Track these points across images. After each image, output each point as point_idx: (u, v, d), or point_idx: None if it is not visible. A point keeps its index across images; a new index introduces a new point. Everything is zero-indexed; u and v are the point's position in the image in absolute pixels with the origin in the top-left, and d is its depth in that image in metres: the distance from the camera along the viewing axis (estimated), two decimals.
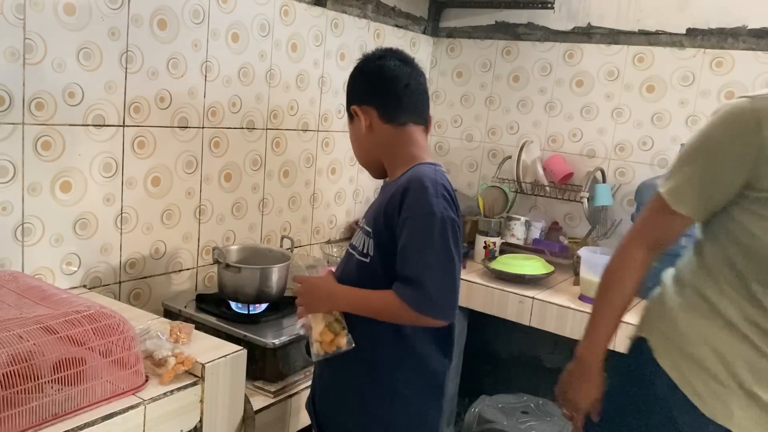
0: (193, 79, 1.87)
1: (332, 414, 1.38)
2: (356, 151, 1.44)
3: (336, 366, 1.34)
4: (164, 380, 1.24)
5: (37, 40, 1.49)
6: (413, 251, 1.20)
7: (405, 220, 1.21)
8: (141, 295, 1.84)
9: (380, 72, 1.35)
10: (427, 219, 1.20)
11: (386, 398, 1.29)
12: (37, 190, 1.55)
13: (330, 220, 2.57)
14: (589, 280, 2.11)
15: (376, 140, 1.36)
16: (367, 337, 1.28)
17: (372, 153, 1.39)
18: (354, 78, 1.41)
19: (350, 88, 1.41)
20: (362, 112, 1.36)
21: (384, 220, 1.26)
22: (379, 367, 1.30)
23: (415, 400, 1.30)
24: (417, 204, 1.21)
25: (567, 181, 2.58)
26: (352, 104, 1.38)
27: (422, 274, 1.18)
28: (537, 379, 2.26)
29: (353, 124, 1.40)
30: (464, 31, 2.88)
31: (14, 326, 1.07)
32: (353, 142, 1.43)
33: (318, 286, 1.35)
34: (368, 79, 1.37)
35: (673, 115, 2.43)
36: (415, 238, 1.20)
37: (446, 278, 1.20)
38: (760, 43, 2.26)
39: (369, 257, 1.29)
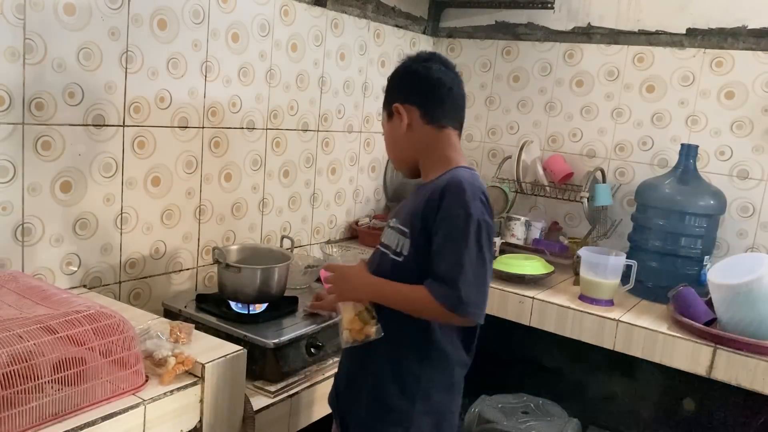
0: (193, 79, 1.87)
1: (355, 408, 1.39)
2: (391, 149, 1.45)
3: (361, 361, 1.37)
4: (164, 380, 1.24)
5: (37, 40, 1.49)
6: (449, 251, 1.23)
7: (442, 220, 1.25)
8: (141, 295, 1.84)
9: (427, 74, 1.37)
10: (464, 221, 1.23)
11: (409, 393, 1.31)
12: (37, 190, 1.55)
13: (330, 220, 2.57)
14: (589, 280, 2.11)
15: (414, 140, 1.38)
16: (395, 333, 1.31)
17: (408, 152, 1.41)
18: (398, 77, 1.42)
19: (392, 86, 1.43)
20: (404, 110, 1.37)
21: (421, 222, 1.29)
22: (404, 362, 1.32)
23: (436, 396, 1.33)
24: (455, 205, 1.24)
25: (567, 181, 2.58)
26: (393, 102, 1.39)
27: (456, 274, 1.21)
28: (537, 379, 2.26)
29: (391, 122, 1.41)
30: (464, 31, 2.88)
31: (14, 326, 1.07)
32: (389, 141, 1.44)
33: (350, 274, 1.37)
34: (414, 80, 1.39)
35: (673, 115, 2.43)
36: (452, 239, 1.23)
37: (478, 280, 1.23)
38: (760, 43, 2.26)
39: (403, 257, 1.32)
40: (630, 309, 2.10)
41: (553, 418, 2.04)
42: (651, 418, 2.13)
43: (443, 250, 1.24)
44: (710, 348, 1.84)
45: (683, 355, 1.88)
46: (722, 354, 1.82)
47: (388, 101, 1.42)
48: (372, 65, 2.60)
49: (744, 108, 2.30)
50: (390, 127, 1.42)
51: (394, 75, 1.43)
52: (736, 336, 1.82)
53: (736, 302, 1.84)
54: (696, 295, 2.00)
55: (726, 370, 1.82)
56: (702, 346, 1.85)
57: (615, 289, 2.12)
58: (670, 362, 1.91)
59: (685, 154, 2.23)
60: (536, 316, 2.13)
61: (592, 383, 2.22)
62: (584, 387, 2.23)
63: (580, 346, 2.06)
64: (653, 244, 2.21)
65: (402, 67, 1.42)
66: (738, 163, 2.32)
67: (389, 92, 1.43)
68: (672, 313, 2.00)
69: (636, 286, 2.15)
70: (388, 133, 1.43)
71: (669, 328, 1.95)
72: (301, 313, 1.76)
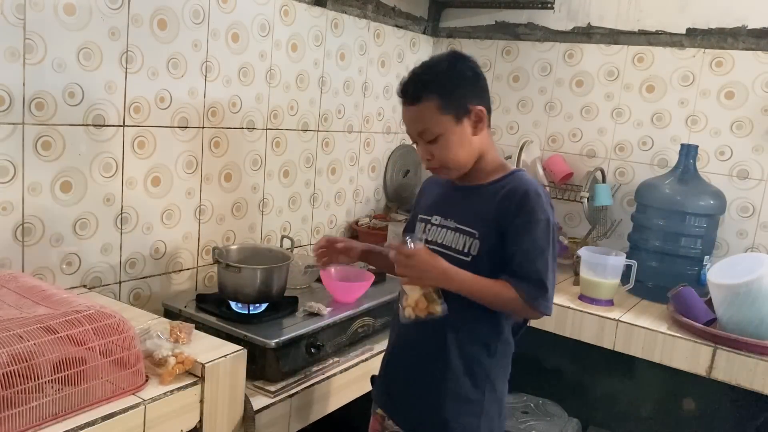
0: (193, 79, 1.87)
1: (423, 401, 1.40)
2: (458, 154, 1.36)
3: (430, 358, 1.39)
4: (164, 380, 1.24)
5: (37, 40, 1.49)
6: (537, 254, 1.30)
7: (527, 224, 1.31)
8: (141, 295, 1.84)
9: (483, 75, 1.39)
10: (545, 225, 1.31)
11: (480, 385, 1.38)
12: (37, 190, 1.55)
13: (330, 220, 2.57)
14: (589, 280, 2.11)
15: (480, 142, 1.37)
16: (468, 331, 1.37)
17: (473, 156, 1.38)
18: (469, 78, 1.37)
19: (463, 86, 1.35)
20: (482, 113, 1.36)
21: (494, 224, 1.33)
22: (476, 357, 1.38)
23: (499, 386, 1.42)
24: (536, 210, 1.31)
25: (567, 181, 2.58)
26: (470, 104, 1.34)
27: (544, 275, 1.30)
28: (537, 379, 2.26)
29: (461, 124, 1.34)
30: (464, 31, 2.88)
31: (14, 326, 1.07)
32: (457, 143, 1.35)
33: (429, 261, 1.33)
34: (479, 81, 1.38)
35: (673, 115, 2.43)
36: (538, 242, 1.30)
37: (554, 277, 1.34)
38: (760, 43, 2.26)
39: (472, 256, 1.34)
40: (630, 309, 2.10)
41: (553, 418, 2.04)
42: (651, 418, 2.13)
43: (531, 253, 1.30)
44: (710, 348, 1.84)
45: (683, 355, 1.88)
46: (722, 354, 1.83)
47: (462, 103, 1.34)
48: (372, 65, 2.60)
49: (744, 108, 2.30)
50: (461, 130, 1.34)
51: (455, 75, 1.35)
52: (736, 336, 1.82)
53: (736, 302, 1.84)
54: (696, 295, 2.00)
55: (726, 370, 1.82)
56: (702, 346, 1.86)
57: (615, 289, 2.12)
58: (669, 362, 1.91)
59: (685, 154, 2.23)
60: None
61: (592, 383, 2.22)
62: (584, 387, 2.23)
63: (580, 346, 2.06)
64: (653, 244, 2.21)
65: (461, 65, 1.37)
66: (738, 163, 2.32)
67: (459, 93, 1.34)
68: (672, 313, 2.00)
69: (636, 286, 2.16)
70: (458, 136, 1.34)
71: (669, 328, 1.95)
72: (301, 313, 1.76)
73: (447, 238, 1.39)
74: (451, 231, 1.38)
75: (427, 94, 1.32)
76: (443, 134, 1.34)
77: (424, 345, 1.40)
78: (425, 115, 1.33)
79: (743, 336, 1.81)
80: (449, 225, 1.39)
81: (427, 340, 1.40)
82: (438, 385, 1.38)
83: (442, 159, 1.36)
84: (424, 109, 1.33)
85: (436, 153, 1.36)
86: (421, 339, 1.41)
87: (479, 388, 1.38)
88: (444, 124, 1.33)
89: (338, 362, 1.74)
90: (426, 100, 1.33)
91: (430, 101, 1.32)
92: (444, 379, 1.38)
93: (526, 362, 2.31)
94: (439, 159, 1.36)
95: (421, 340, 1.41)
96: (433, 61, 1.39)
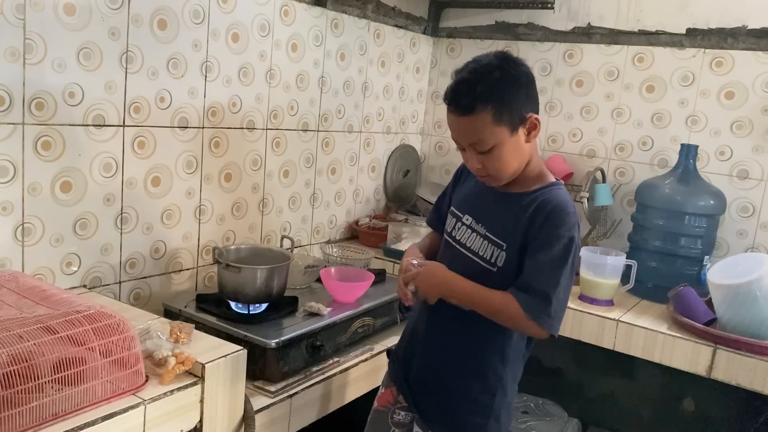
0: (193, 79, 1.87)
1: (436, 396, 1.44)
2: (511, 164, 1.32)
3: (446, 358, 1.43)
4: (164, 380, 1.24)
5: (37, 40, 1.49)
6: (550, 270, 1.27)
7: (548, 238, 1.28)
8: (141, 295, 1.84)
9: (533, 75, 1.34)
10: (567, 242, 1.28)
11: (491, 389, 1.39)
12: (37, 190, 1.55)
13: (330, 220, 2.57)
14: (589, 280, 2.11)
15: (530, 149, 1.35)
16: (481, 338, 1.38)
17: (524, 164, 1.34)
18: (524, 85, 1.31)
19: (518, 95, 1.29)
20: (537, 121, 1.31)
21: (522, 238, 1.31)
22: (488, 363, 1.39)
23: (510, 390, 1.43)
24: (561, 227, 1.28)
25: (567, 181, 2.58)
26: (528, 112, 1.30)
27: (552, 291, 1.26)
28: (537, 379, 2.26)
29: (515, 136, 1.29)
30: (464, 31, 2.88)
31: (14, 326, 1.07)
32: (510, 155, 1.31)
33: (434, 273, 1.37)
34: (533, 86, 1.33)
35: (673, 115, 2.43)
36: (554, 257, 1.27)
37: (565, 298, 1.30)
38: (760, 43, 2.26)
39: (497, 267, 1.34)
40: (630, 309, 2.10)
41: (553, 418, 2.04)
42: (651, 418, 2.13)
43: (544, 267, 1.28)
44: (710, 348, 1.84)
45: (683, 355, 1.88)
46: (722, 354, 1.83)
47: (518, 112, 1.28)
48: (372, 65, 2.60)
49: (744, 108, 2.30)
50: (516, 140, 1.30)
51: (510, 83, 1.28)
52: (736, 336, 1.82)
53: (736, 302, 1.84)
54: (696, 295, 2.00)
55: (726, 370, 1.82)
56: (702, 346, 1.86)
57: (615, 289, 2.12)
58: (669, 362, 1.91)
59: (685, 154, 2.23)
60: None
61: (592, 383, 2.22)
62: (584, 387, 2.23)
63: (580, 346, 2.06)
64: (653, 244, 2.21)
65: (513, 71, 1.30)
66: (738, 163, 2.32)
67: (515, 103, 1.28)
68: (672, 313, 2.00)
69: (636, 286, 2.15)
70: (513, 146, 1.30)
71: (669, 328, 1.95)
72: (301, 313, 1.76)
73: (476, 243, 1.38)
74: (481, 237, 1.37)
75: (482, 104, 1.26)
76: (497, 145, 1.29)
77: (446, 343, 1.43)
78: (478, 127, 1.28)
79: (743, 336, 1.81)
80: (479, 230, 1.38)
81: (449, 339, 1.42)
82: (453, 384, 1.41)
83: (494, 170, 1.32)
84: (478, 121, 1.27)
85: (489, 164, 1.32)
86: (443, 336, 1.43)
87: (490, 392, 1.39)
88: (499, 136, 1.28)
89: (338, 362, 1.74)
90: (480, 111, 1.26)
91: (485, 112, 1.26)
92: (459, 379, 1.41)
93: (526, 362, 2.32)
94: (490, 169, 1.33)
95: (444, 337, 1.43)
96: (483, 66, 1.29)
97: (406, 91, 2.85)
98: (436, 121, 2.98)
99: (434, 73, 2.96)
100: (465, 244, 1.40)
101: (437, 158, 3.00)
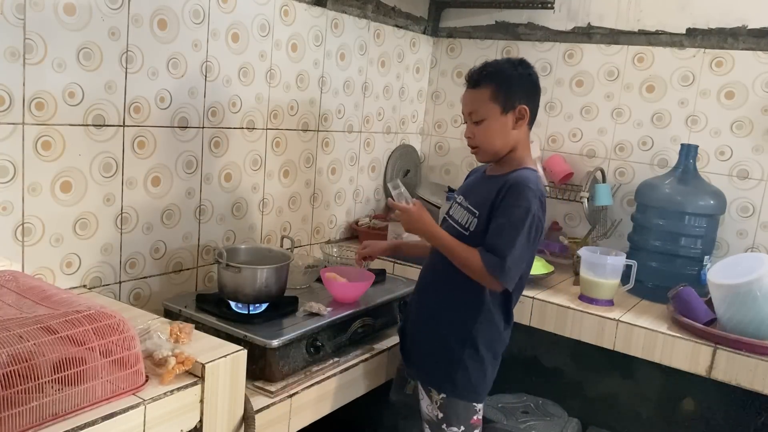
0: (193, 79, 1.87)
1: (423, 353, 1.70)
2: (494, 140, 1.59)
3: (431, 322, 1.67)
4: (164, 380, 1.24)
5: (37, 40, 1.49)
6: (507, 233, 1.50)
7: (507, 208, 1.52)
8: (141, 295, 1.84)
9: (538, 82, 1.62)
10: (523, 211, 1.50)
11: (463, 344, 1.61)
12: (37, 190, 1.55)
13: (330, 220, 2.57)
14: (589, 280, 2.11)
15: (517, 137, 1.60)
16: (458, 301, 1.62)
17: (508, 146, 1.60)
18: (522, 79, 1.59)
19: (515, 86, 1.57)
20: (526, 112, 1.58)
21: (490, 208, 1.55)
22: (463, 322, 1.62)
23: (482, 349, 1.62)
24: (520, 197, 1.51)
25: (567, 181, 2.58)
26: (518, 102, 1.57)
27: (508, 250, 1.49)
28: (537, 379, 2.26)
29: (505, 116, 1.57)
30: (464, 31, 2.88)
31: (14, 326, 1.06)
32: (496, 132, 1.58)
33: (424, 216, 1.62)
34: (532, 85, 1.61)
35: (673, 115, 2.43)
36: (512, 224, 1.50)
37: (520, 259, 1.52)
38: (760, 43, 2.26)
39: (470, 232, 1.59)
40: (630, 309, 2.10)
41: (553, 418, 2.04)
42: (651, 418, 2.13)
43: (503, 231, 1.51)
44: (710, 348, 1.84)
45: (683, 355, 1.88)
46: (722, 354, 1.83)
47: (511, 99, 1.56)
48: (372, 65, 2.60)
49: (744, 108, 2.30)
50: (503, 120, 1.57)
51: (515, 75, 1.58)
52: (736, 336, 1.82)
53: (736, 302, 1.84)
54: (696, 295, 2.00)
55: (726, 370, 1.82)
56: (702, 346, 1.86)
57: (615, 289, 2.12)
58: (669, 362, 1.91)
59: (685, 154, 2.22)
60: (536, 316, 2.13)
61: (592, 383, 2.22)
62: (584, 387, 2.23)
63: (580, 346, 2.06)
64: (653, 244, 2.21)
65: (522, 69, 1.59)
66: (738, 163, 2.32)
67: (512, 90, 1.57)
68: (672, 313, 2.00)
69: (636, 286, 2.15)
70: (501, 125, 1.58)
71: (669, 328, 1.95)
72: (301, 313, 1.76)
73: (459, 214, 1.65)
74: (463, 209, 1.64)
75: (486, 82, 1.57)
76: (487, 119, 1.58)
77: (427, 301, 1.70)
78: (478, 99, 1.59)
79: (743, 336, 1.81)
80: (464, 204, 1.65)
81: (428, 298, 1.70)
82: (430, 334, 1.66)
83: (480, 140, 1.61)
84: (479, 94, 1.58)
85: (477, 134, 1.60)
86: (424, 295, 1.72)
87: (461, 345, 1.61)
88: (490, 111, 1.57)
89: (338, 362, 1.74)
90: (483, 86, 1.58)
91: (486, 88, 1.57)
92: (438, 337, 1.64)
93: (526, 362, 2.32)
94: (477, 139, 1.61)
95: (425, 295, 1.72)
96: (501, 60, 1.64)
97: (406, 91, 2.85)
98: (436, 121, 2.98)
99: (434, 73, 2.96)
100: (453, 216, 1.68)
101: (437, 158, 3.00)
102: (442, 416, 1.64)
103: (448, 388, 1.63)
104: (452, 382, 1.62)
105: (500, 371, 1.69)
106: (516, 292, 1.64)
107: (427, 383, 1.67)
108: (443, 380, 1.63)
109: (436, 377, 1.65)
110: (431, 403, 1.66)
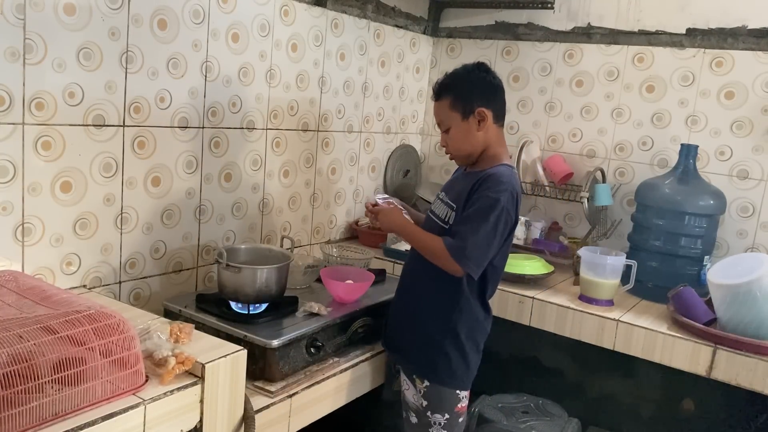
0: (193, 79, 1.87)
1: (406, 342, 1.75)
2: (462, 145, 1.69)
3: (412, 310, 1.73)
4: (164, 380, 1.24)
5: (37, 40, 1.49)
6: (473, 220, 1.57)
7: (477, 199, 1.59)
8: (141, 295, 1.84)
9: (497, 82, 1.69)
10: (492, 202, 1.56)
11: (442, 331, 1.67)
12: (37, 190, 1.55)
13: (330, 220, 2.57)
14: (589, 280, 2.11)
15: (485, 137, 1.68)
16: (437, 291, 1.67)
17: (478, 147, 1.68)
18: (475, 84, 1.67)
19: (470, 91, 1.66)
20: (486, 113, 1.65)
21: (464, 202, 1.62)
22: (442, 310, 1.68)
23: (462, 337, 1.67)
24: (490, 190, 1.58)
25: (567, 181, 2.58)
26: (476, 105, 1.65)
27: (470, 236, 1.56)
28: (537, 379, 2.26)
29: (467, 121, 1.66)
30: (464, 31, 2.88)
31: (14, 326, 1.07)
32: (462, 137, 1.68)
33: (395, 214, 1.76)
34: (490, 87, 1.68)
35: (673, 115, 2.43)
36: (478, 213, 1.57)
37: (483, 246, 1.57)
38: (760, 43, 2.26)
39: (449, 225, 1.66)
40: (630, 309, 2.10)
41: (553, 418, 2.04)
42: (651, 418, 2.13)
43: (469, 218, 1.58)
44: (710, 348, 1.84)
45: (683, 355, 1.88)
46: (722, 354, 1.83)
47: (469, 104, 1.65)
48: (372, 65, 2.60)
49: (744, 108, 2.30)
50: (466, 125, 1.67)
51: (471, 81, 1.67)
52: (736, 336, 1.82)
53: (736, 302, 1.84)
54: (696, 295, 2.00)
55: (726, 370, 1.82)
56: (702, 346, 1.86)
57: (615, 289, 2.12)
58: (669, 362, 1.91)
59: (685, 154, 2.23)
60: (536, 316, 2.13)
61: (592, 383, 2.22)
62: (584, 387, 2.23)
63: (580, 346, 2.06)
64: (653, 244, 2.21)
65: (474, 74, 1.68)
66: (738, 163, 2.32)
67: (468, 96, 1.65)
68: (672, 313, 2.00)
69: (636, 286, 2.15)
70: (464, 130, 1.67)
71: (669, 328, 1.95)
72: (301, 313, 1.76)
73: (439, 209, 1.72)
74: (443, 204, 1.71)
75: (444, 92, 1.69)
76: (452, 127, 1.69)
77: (408, 290, 1.77)
78: (441, 110, 1.70)
79: (743, 336, 1.81)
80: (444, 199, 1.72)
81: (409, 289, 1.77)
82: (414, 330, 1.71)
83: (451, 147, 1.72)
84: (441, 105, 1.70)
85: (448, 142, 1.72)
86: (406, 287, 1.78)
87: (442, 333, 1.67)
88: (453, 119, 1.68)
89: (338, 362, 1.74)
90: (443, 98, 1.69)
91: (446, 99, 1.68)
92: (418, 325, 1.70)
93: (526, 362, 2.32)
94: (449, 147, 1.72)
95: (406, 287, 1.78)
96: (459, 68, 1.71)
97: (406, 91, 2.85)
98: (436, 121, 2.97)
99: (434, 73, 2.96)
100: (434, 212, 1.75)
101: (437, 158, 3.00)
102: (427, 404, 1.69)
103: (432, 376, 1.68)
104: (434, 369, 1.67)
105: (500, 371, 1.69)
106: (491, 284, 1.69)
107: (412, 372, 1.71)
108: (426, 368, 1.68)
109: (419, 365, 1.70)
110: (416, 392, 1.70)
